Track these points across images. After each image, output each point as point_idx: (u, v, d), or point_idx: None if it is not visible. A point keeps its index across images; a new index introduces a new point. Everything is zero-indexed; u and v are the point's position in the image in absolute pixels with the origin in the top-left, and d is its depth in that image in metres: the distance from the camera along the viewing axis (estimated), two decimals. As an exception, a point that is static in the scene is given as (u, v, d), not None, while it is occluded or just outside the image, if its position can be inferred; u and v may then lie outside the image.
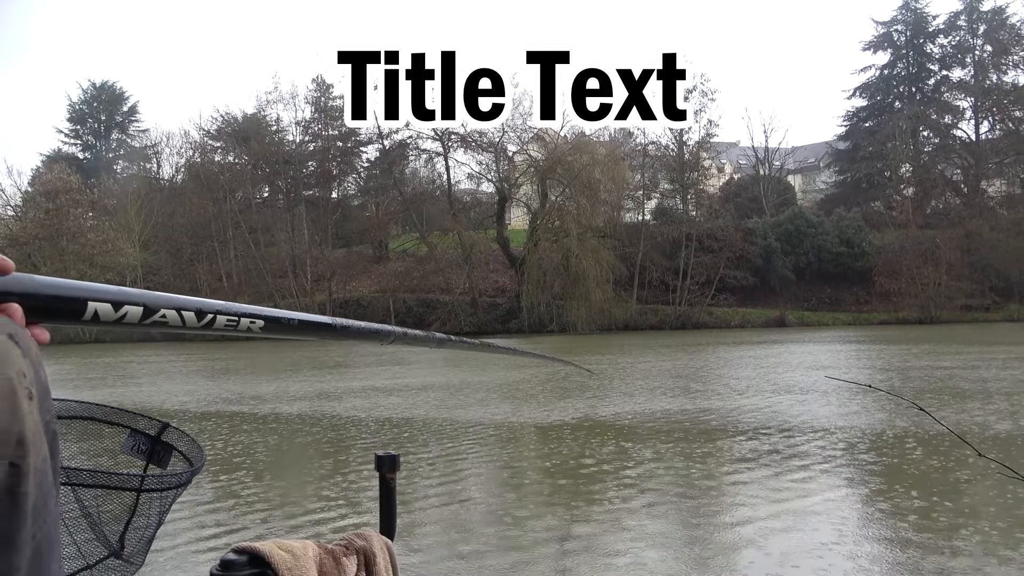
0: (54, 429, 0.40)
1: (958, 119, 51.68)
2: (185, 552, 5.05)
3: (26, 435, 0.37)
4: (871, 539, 5.02)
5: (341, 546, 1.08)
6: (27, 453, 0.37)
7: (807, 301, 44.31)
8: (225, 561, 0.96)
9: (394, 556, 1.13)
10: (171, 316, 0.59)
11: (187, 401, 13.99)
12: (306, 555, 1.00)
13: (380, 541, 1.12)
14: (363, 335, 0.88)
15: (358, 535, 1.11)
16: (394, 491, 1.19)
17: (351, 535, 1.11)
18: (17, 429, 0.37)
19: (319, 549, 1.04)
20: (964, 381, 13.70)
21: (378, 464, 1.18)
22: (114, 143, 61.48)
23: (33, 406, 0.39)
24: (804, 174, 62.57)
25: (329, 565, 1.03)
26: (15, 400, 0.37)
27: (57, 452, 0.41)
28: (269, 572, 0.96)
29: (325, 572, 1.02)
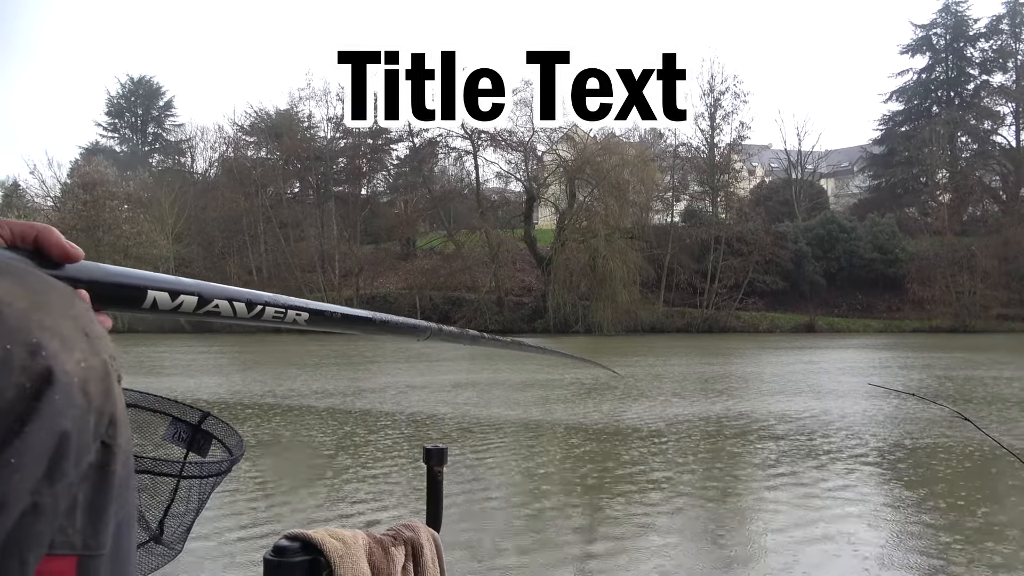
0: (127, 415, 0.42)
1: (998, 125, 50.61)
2: (233, 539, 5.15)
3: (117, 416, 0.39)
4: (904, 549, 4.93)
5: (390, 536, 1.08)
6: (118, 433, 0.39)
7: (837, 307, 43.66)
8: (278, 547, 0.97)
9: (440, 548, 1.14)
10: (223, 306, 0.60)
11: (219, 392, 14.20)
12: (356, 544, 1.01)
13: (427, 533, 1.13)
14: (401, 330, 0.89)
15: (406, 526, 1.12)
16: (441, 484, 1.20)
17: (399, 526, 1.12)
18: (110, 410, 0.38)
19: (368, 539, 1.05)
20: (1006, 390, 13.40)
21: (426, 457, 1.19)
22: (150, 137, 62.66)
23: (120, 389, 0.41)
24: (837, 178, 61.67)
25: (378, 555, 1.04)
26: (109, 382, 0.39)
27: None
28: (321, 559, 0.97)
29: (375, 561, 1.03)
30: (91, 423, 0.36)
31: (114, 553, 0.39)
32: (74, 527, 0.36)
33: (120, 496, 0.39)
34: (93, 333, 0.39)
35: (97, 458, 0.37)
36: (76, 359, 0.36)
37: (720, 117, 47.52)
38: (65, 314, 0.38)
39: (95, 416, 0.37)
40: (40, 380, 0.33)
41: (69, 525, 0.36)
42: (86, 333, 0.38)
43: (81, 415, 0.35)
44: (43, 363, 0.34)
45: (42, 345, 0.34)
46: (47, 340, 0.35)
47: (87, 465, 0.36)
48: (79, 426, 0.35)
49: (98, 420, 0.37)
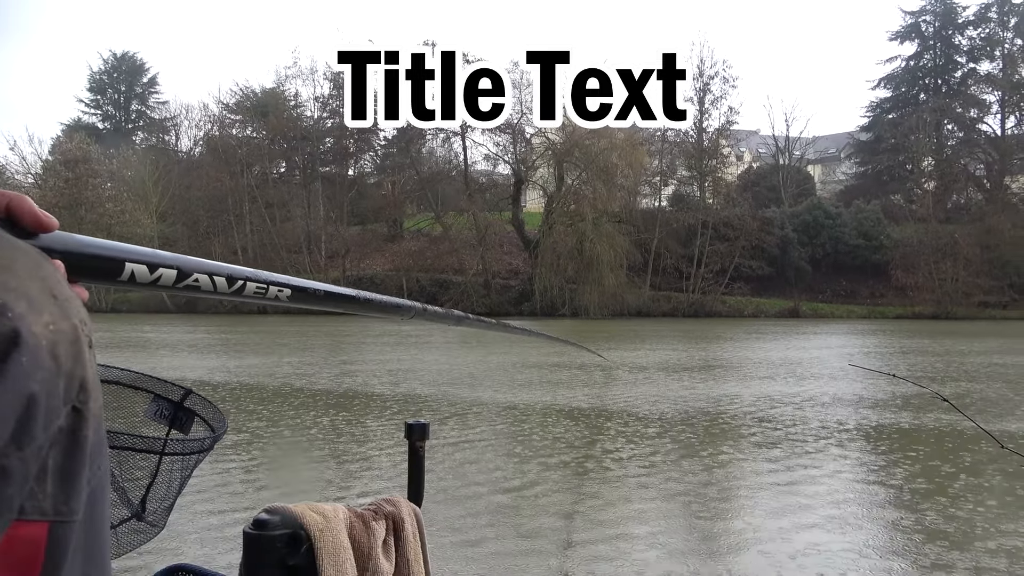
0: (99, 381, 0.41)
1: (984, 113, 50.85)
2: (215, 513, 5.16)
3: (88, 380, 0.38)
4: (883, 526, 5.01)
5: (371, 510, 1.08)
6: (89, 398, 0.38)
7: (822, 293, 44.02)
8: (258, 520, 0.96)
9: (422, 522, 1.14)
10: (203, 281, 0.59)
11: (205, 372, 14.13)
12: (337, 517, 1.01)
13: (408, 507, 1.13)
14: (385, 309, 0.88)
15: (387, 501, 1.12)
16: (423, 459, 1.20)
17: (380, 500, 1.12)
18: (80, 374, 0.37)
19: (349, 513, 1.05)
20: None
21: (408, 432, 1.19)
22: (133, 114, 61.70)
23: (92, 354, 0.40)
24: (824, 165, 61.88)
25: (359, 528, 1.04)
26: (80, 346, 0.38)
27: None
28: (301, 532, 0.97)
29: (355, 535, 1.03)
30: (60, 387, 0.36)
31: (88, 520, 0.39)
32: (45, 492, 0.36)
33: (93, 462, 0.39)
34: (62, 296, 0.38)
35: (68, 423, 0.37)
36: (44, 321, 0.35)
37: (709, 102, 47.51)
38: (32, 275, 0.37)
39: (65, 380, 0.36)
40: (6, 342, 0.33)
41: (40, 490, 0.35)
42: (54, 295, 0.38)
43: (50, 378, 0.35)
44: (9, 324, 0.33)
45: (8, 306, 0.34)
46: (13, 301, 0.34)
47: (57, 429, 0.36)
48: (48, 389, 0.35)
49: (68, 384, 0.36)
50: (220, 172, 47.30)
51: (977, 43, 51.25)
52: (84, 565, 0.39)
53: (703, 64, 47.76)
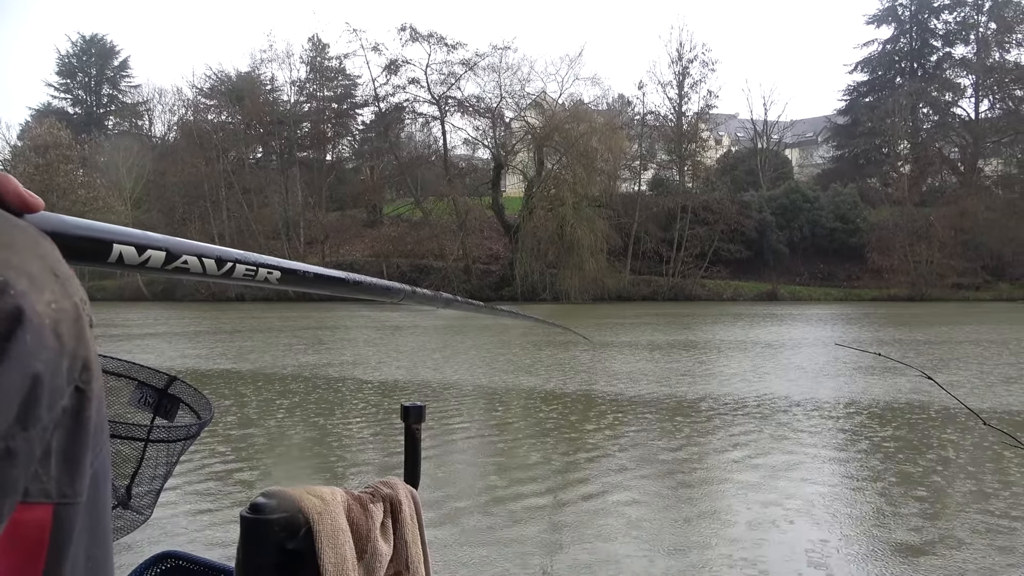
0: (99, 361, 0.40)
1: (958, 97, 51.52)
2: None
3: (91, 360, 0.38)
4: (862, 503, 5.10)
5: (368, 493, 1.07)
6: (92, 378, 0.38)
7: (799, 276, 44.53)
8: (255, 504, 0.95)
9: (419, 504, 1.13)
10: (192, 263, 0.58)
11: (191, 358, 14.00)
12: (335, 500, 1.00)
13: (405, 490, 1.12)
14: (374, 291, 0.88)
15: (384, 483, 1.11)
16: (419, 441, 1.18)
17: (377, 483, 1.11)
18: (83, 354, 0.37)
19: (347, 496, 1.04)
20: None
21: (404, 414, 1.18)
22: (105, 98, 60.55)
23: (93, 334, 0.39)
24: (802, 148, 62.39)
25: (357, 511, 1.03)
26: (81, 324, 0.37)
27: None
28: (299, 516, 0.96)
29: (353, 518, 1.02)
30: (64, 366, 0.35)
31: (91, 503, 0.38)
32: (49, 475, 0.35)
33: (95, 445, 0.38)
34: (63, 274, 0.38)
35: (71, 403, 0.36)
36: (47, 300, 0.35)
37: (688, 86, 47.67)
38: (32, 253, 0.36)
39: (68, 360, 0.35)
40: (9, 320, 0.32)
41: (44, 472, 0.35)
42: (55, 273, 0.37)
43: (54, 358, 0.34)
44: (12, 302, 0.33)
45: (10, 283, 0.33)
46: (14, 279, 0.33)
47: (61, 410, 0.35)
48: (52, 369, 0.34)
49: (71, 364, 0.36)
50: (195, 158, 46.68)
51: (952, 27, 51.82)
52: (88, 546, 0.38)
53: (682, 48, 47.94)
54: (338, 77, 51.74)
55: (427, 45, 46.84)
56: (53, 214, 0.47)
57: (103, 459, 0.39)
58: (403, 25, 46.16)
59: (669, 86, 47.85)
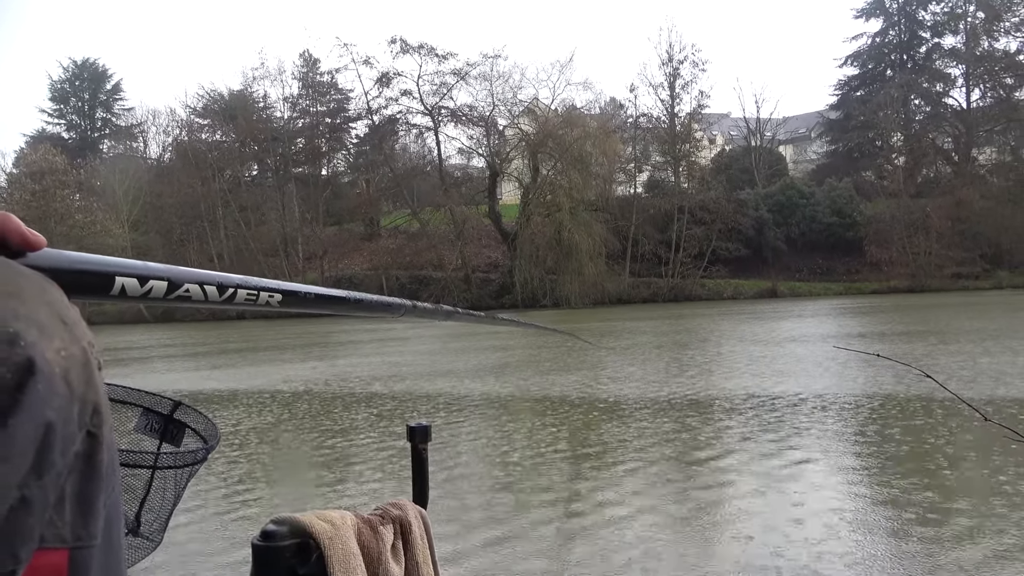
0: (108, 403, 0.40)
1: (949, 87, 51.65)
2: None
3: (101, 404, 0.38)
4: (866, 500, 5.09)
5: (377, 515, 1.08)
6: (102, 422, 0.38)
7: (799, 272, 44.55)
8: (266, 532, 0.96)
9: (428, 524, 1.14)
10: (194, 290, 0.58)
11: (188, 383, 13.98)
12: (345, 525, 1.00)
13: (414, 510, 1.13)
14: (375, 308, 0.88)
15: (393, 504, 1.11)
16: (426, 461, 1.19)
17: (386, 505, 1.11)
18: (93, 398, 0.37)
19: (357, 519, 1.04)
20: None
21: (410, 435, 1.18)
22: (99, 122, 60.69)
23: (101, 376, 0.39)
24: (795, 145, 62.50)
25: (367, 534, 1.03)
26: (91, 369, 0.38)
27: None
28: (310, 542, 0.96)
29: (364, 541, 1.02)
30: (75, 412, 0.36)
31: (105, 544, 0.39)
32: (63, 520, 0.36)
33: (108, 486, 0.39)
34: (70, 320, 0.38)
35: (83, 448, 0.37)
36: (56, 347, 0.35)
37: (679, 87, 47.82)
38: (40, 301, 0.37)
39: (79, 405, 0.36)
40: (21, 371, 0.33)
41: (59, 518, 0.35)
42: (63, 320, 0.37)
43: (65, 405, 0.35)
44: (23, 353, 0.33)
45: (20, 335, 0.33)
46: (24, 329, 0.34)
47: (74, 456, 0.36)
48: (64, 416, 0.35)
49: (82, 409, 0.36)
50: (191, 178, 46.74)
51: (940, 17, 51.97)
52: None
53: (672, 49, 48.12)
54: (330, 92, 51.91)
55: (418, 56, 47.05)
56: (56, 251, 0.47)
57: (115, 499, 0.40)
58: (393, 37, 46.41)
59: (660, 88, 48.04)
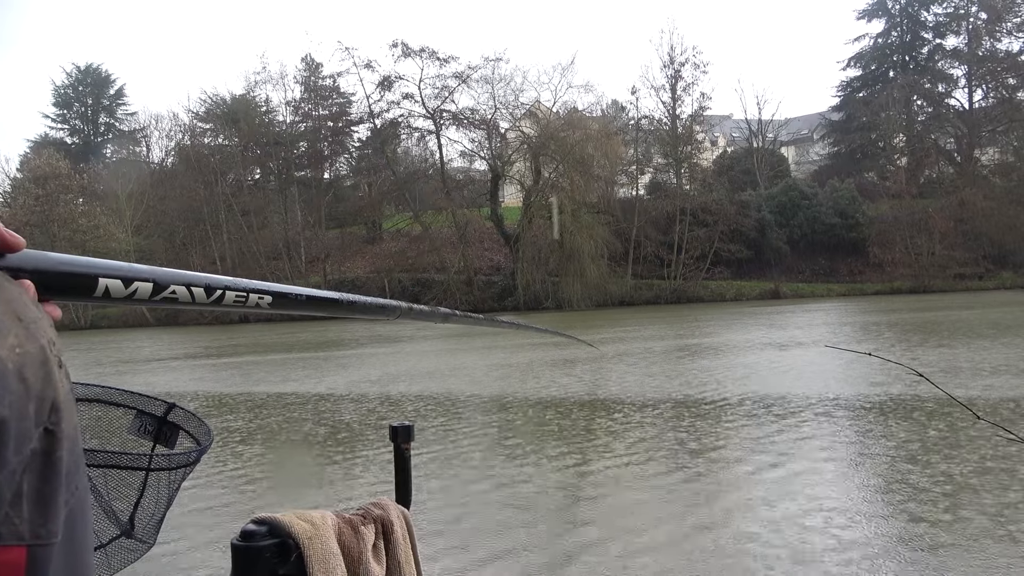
0: (72, 400, 0.41)
1: (952, 88, 51.53)
2: (203, 526, 5.12)
3: (59, 401, 0.38)
4: (868, 495, 5.08)
5: (359, 515, 1.08)
6: (61, 419, 0.38)
7: (801, 273, 44.45)
8: (246, 531, 0.96)
9: (411, 524, 1.14)
10: (181, 292, 0.58)
11: (185, 385, 14.00)
12: (325, 524, 1.01)
13: (397, 510, 1.13)
14: (370, 310, 0.87)
15: (375, 504, 1.12)
16: (409, 461, 1.19)
17: (368, 504, 1.11)
18: (51, 395, 0.38)
19: (337, 519, 1.04)
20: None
21: (393, 434, 1.19)
22: (102, 127, 60.85)
23: (63, 374, 0.40)
24: (797, 146, 62.43)
25: (348, 534, 1.04)
26: (49, 367, 0.38)
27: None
28: (290, 542, 0.96)
29: (344, 541, 1.03)
30: (31, 409, 0.36)
31: (67, 542, 0.39)
32: (21, 517, 0.36)
33: (70, 483, 0.39)
34: (27, 317, 0.38)
35: (40, 445, 0.37)
36: (10, 344, 0.36)
37: (681, 88, 47.75)
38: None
39: (35, 402, 0.36)
40: None
41: (16, 515, 0.35)
42: (19, 317, 0.38)
43: (19, 401, 0.35)
44: None
45: None
46: None
47: (30, 452, 0.36)
48: (17, 413, 0.35)
49: (39, 406, 0.36)
50: (194, 182, 46.83)
51: (942, 18, 51.88)
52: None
53: (673, 51, 48.05)
54: (332, 95, 51.96)
55: (419, 60, 47.07)
56: (36, 251, 0.47)
57: (80, 496, 0.40)
58: (395, 41, 46.34)
59: (662, 90, 48.01)
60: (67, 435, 0.38)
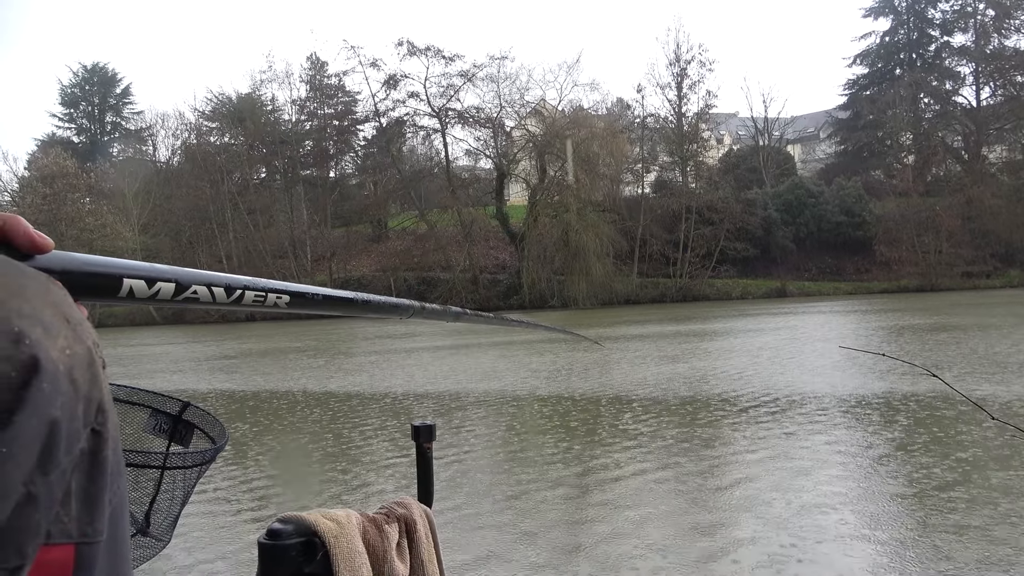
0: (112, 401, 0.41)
1: (959, 85, 51.33)
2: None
3: (105, 402, 0.39)
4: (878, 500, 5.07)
5: (382, 514, 1.08)
6: (107, 420, 0.39)
7: (808, 271, 44.36)
8: (272, 530, 0.96)
9: (433, 523, 1.14)
10: (202, 292, 0.59)
11: (199, 384, 14.05)
12: (350, 523, 1.01)
13: (419, 509, 1.13)
14: (383, 309, 0.88)
15: (398, 503, 1.12)
16: (431, 460, 1.20)
17: (391, 503, 1.12)
18: (98, 396, 0.38)
19: (362, 518, 1.05)
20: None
21: (415, 434, 1.19)
22: (109, 126, 61.02)
23: (106, 375, 0.40)
24: (804, 144, 62.27)
25: (372, 533, 1.04)
26: (95, 368, 0.38)
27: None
28: (316, 540, 0.97)
29: (369, 540, 1.03)
30: (80, 410, 0.36)
31: (110, 540, 0.40)
32: (70, 515, 0.36)
33: (113, 483, 0.40)
34: (74, 319, 0.39)
35: (88, 445, 0.37)
36: (60, 346, 0.36)
37: (687, 87, 47.72)
38: (44, 301, 0.38)
39: (84, 403, 0.37)
40: (26, 369, 0.33)
41: (65, 514, 0.36)
42: (67, 319, 0.38)
43: (70, 403, 0.35)
44: (28, 351, 0.34)
45: (24, 333, 0.34)
46: (29, 328, 0.34)
47: (79, 453, 0.37)
48: (68, 414, 0.35)
49: (87, 407, 0.37)
50: (200, 180, 47.02)
51: (950, 15, 51.67)
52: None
53: (679, 49, 48.00)
54: (338, 94, 52.06)
55: (425, 59, 47.17)
56: (64, 252, 0.48)
57: (120, 495, 0.41)
58: (400, 40, 46.52)
59: (668, 88, 47.97)
60: (111, 435, 0.39)
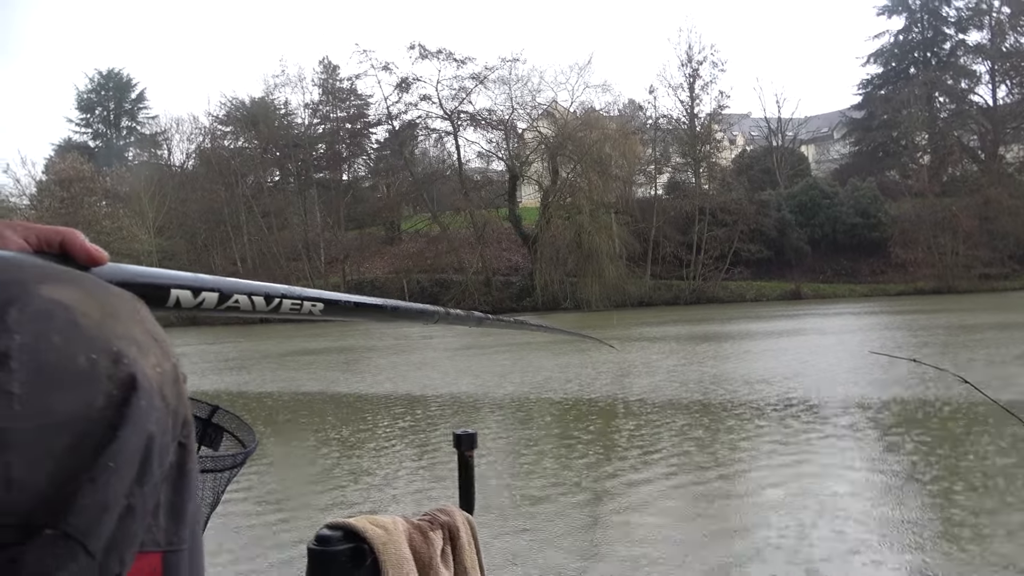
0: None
1: (975, 84, 50.76)
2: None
3: (188, 416, 0.41)
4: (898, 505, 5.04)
5: (427, 521, 1.10)
6: (191, 433, 0.41)
7: (822, 273, 44.01)
8: (321, 536, 0.98)
9: (475, 530, 1.16)
10: (243, 301, 0.61)
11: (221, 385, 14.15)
12: (397, 530, 1.03)
13: (462, 516, 1.15)
14: (411, 315, 0.90)
15: (441, 510, 1.13)
16: (472, 468, 1.21)
17: (435, 511, 1.13)
18: (183, 411, 0.40)
19: (408, 524, 1.06)
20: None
21: (457, 442, 1.21)
22: (124, 131, 61.58)
23: (186, 389, 0.42)
24: (817, 144, 61.83)
25: (418, 539, 1.05)
26: (180, 384, 0.40)
27: None
28: (364, 547, 0.98)
29: (415, 546, 1.04)
30: (170, 424, 0.38)
31: (192, 547, 0.42)
32: (159, 525, 0.38)
33: (195, 493, 0.42)
34: (160, 337, 0.41)
35: (176, 458, 0.39)
36: (152, 363, 0.37)
37: (699, 87, 47.57)
38: (134, 319, 0.39)
39: (172, 418, 0.38)
40: (126, 387, 0.35)
41: (155, 524, 0.38)
42: (155, 338, 0.40)
43: (162, 418, 0.37)
44: (127, 370, 0.35)
45: (123, 353, 0.36)
46: (126, 347, 0.36)
47: (168, 465, 0.38)
48: (161, 428, 0.37)
49: (175, 421, 0.39)
50: (214, 184, 47.37)
51: (965, 13, 51.11)
52: None
53: (691, 50, 47.86)
54: (350, 98, 52.30)
55: (437, 61, 47.26)
56: (117, 265, 0.49)
57: (197, 504, 0.43)
58: (412, 43, 46.54)
59: (680, 89, 47.81)
60: (193, 448, 0.41)
